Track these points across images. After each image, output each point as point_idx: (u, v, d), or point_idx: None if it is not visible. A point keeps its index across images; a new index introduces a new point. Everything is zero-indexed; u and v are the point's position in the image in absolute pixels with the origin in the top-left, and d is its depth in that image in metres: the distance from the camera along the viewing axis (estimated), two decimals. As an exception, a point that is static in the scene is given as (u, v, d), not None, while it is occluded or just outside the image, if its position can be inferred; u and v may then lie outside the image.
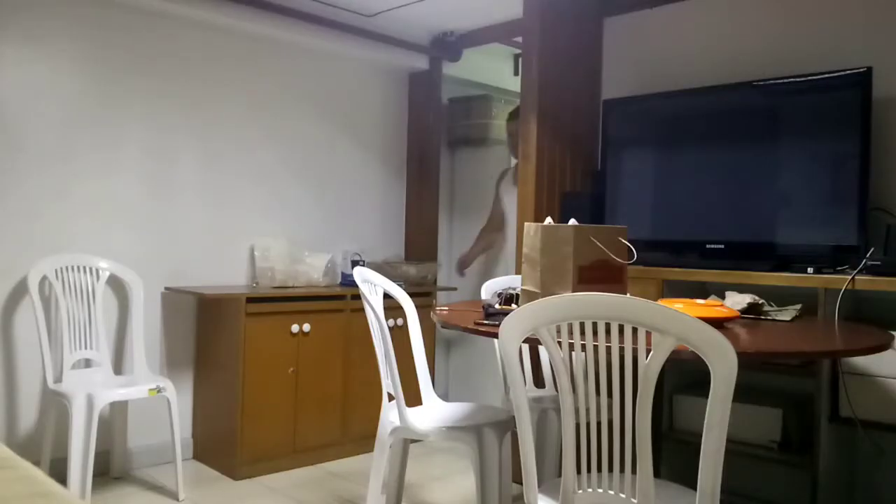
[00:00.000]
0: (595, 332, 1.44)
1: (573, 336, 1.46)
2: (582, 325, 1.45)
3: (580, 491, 1.53)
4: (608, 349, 1.43)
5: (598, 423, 1.50)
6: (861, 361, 2.32)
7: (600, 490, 1.52)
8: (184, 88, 3.38)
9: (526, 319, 1.50)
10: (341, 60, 3.90)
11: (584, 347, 1.46)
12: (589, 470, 1.52)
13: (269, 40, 3.63)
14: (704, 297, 2.42)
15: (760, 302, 2.27)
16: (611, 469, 1.50)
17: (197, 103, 3.42)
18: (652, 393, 1.40)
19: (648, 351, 1.39)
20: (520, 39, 3.62)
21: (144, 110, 3.26)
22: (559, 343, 1.49)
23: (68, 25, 3.04)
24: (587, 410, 1.50)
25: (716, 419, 1.38)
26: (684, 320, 1.36)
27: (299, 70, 3.77)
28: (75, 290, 2.99)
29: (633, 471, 1.46)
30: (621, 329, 1.41)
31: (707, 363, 1.37)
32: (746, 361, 1.41)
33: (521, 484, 1.62)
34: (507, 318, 1.53)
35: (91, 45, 3.10)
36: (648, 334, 1.40)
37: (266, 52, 3.64)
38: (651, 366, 1.39)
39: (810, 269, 2.46)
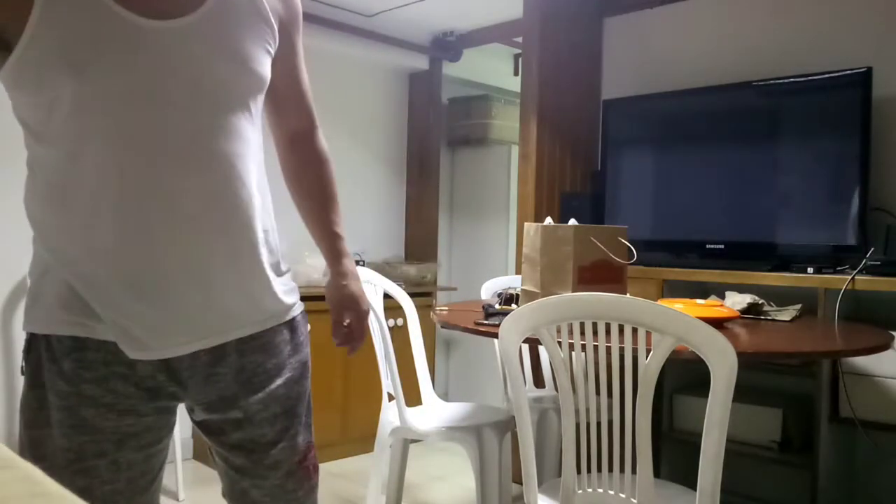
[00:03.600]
0: (595, 332, 1.44)
1: (573, 336, 1.46)
2: (582, 325, 1.45)
3: (580, 491, 1.53)
4: (608, 349, 1.43)
5: (598, 423, 1.50)
6: (861, 361, 2.32)
7: (600, 490, 1.52)
8: (184, 88, 3.38)
9: (526, 319, 1.50)
10: (341, 60, 3.90)
11: (583, 347, 1.46)
12: (589, 470, 1.52)
13: (269, 40, 3.63)
14: (704, 297, 2.43)
15: (760, 302, 2.27)
16: (611, 469, 1.50)
17: (197, 103, 3.42)
18: (652, 393, 1.40)
19: (648, 351, 1.39)
20: (520, 39, 3.62)
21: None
22: (559, 343, 1.49)
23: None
24: (587, 410, 1.50)
25: (716, 419, 1.38)
26: (684, 320, 1.36)
27: (299, 70, 3.77)
28: (75, 291, 2.99)
29: (634, 471, 1.46)
30: (621, 329, 1.41)
31: (707, 363, 1.37)
32: (746, 361, 1.41)
33: (521, 484, 1.62)
34: (506, 319, 1.53)
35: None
36: (648, 334, 1.40)
37: (266, 52, 3.64)
38: (651, 366, 1.39)
39: (810, 270, 2.46)
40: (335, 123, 3.91)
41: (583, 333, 1.45)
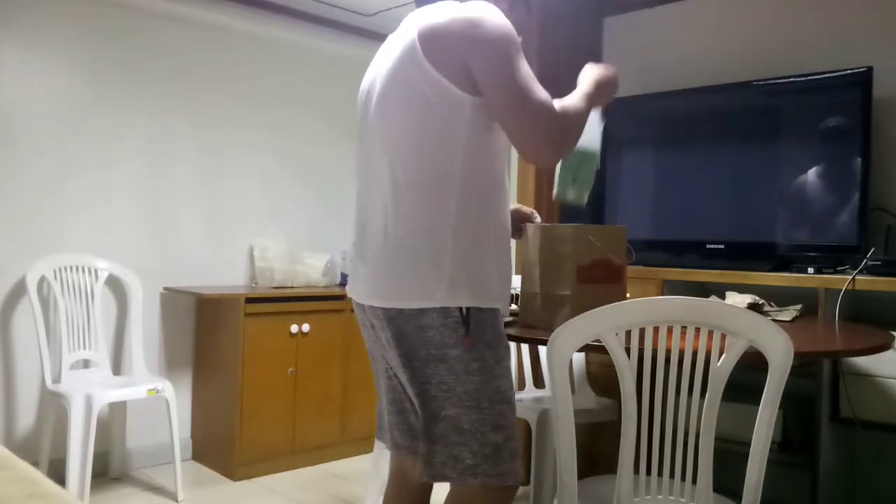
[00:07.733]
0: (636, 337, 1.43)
1: (628, 342, 1.45)
2: (642, 330, 1.43)
3: (637, 499, 1.51)
4: (667, 353, 1.42)
5: (650, 428, 1.48)
6: (861, 362, 2.31)
7: (648, 497, 1.51)
8: (182, 88, 3.37)
9: (588, 326, 1.44)
10: (340, 60, 3.90)
11: (640, 352, 1.44)
12: (637, 472, 1.50)
13: (267, 40, 3.62)
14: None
15: (761, 302, 2.26)
16: (660, 474, 1.50)
17: (195, 103, 3.41)
18: (720, 395, 1.42)
19: (710, 353, 1.41)
20: (519, 39, 3.61)
21: (143, 110, 3.25)
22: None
23: (66, 24, 3.03)
24: (642, 416, 1.48)
25: (766, 418, 1.44)
26: (756, 321, 1.39)
27: (298, 69, 3.76)
28: (74, 291, 2.98)
29: (683, 477, 1.47)
30: (683, 332, 1.41)
31: (769, 363, 1.41)
32: (746, 361, 1.42)
33: (523, 485, 1.60)
34: (563, 327, 1.46)
35: (89, 45, 3.09)
36: (710, 337, 1.41)
37: (265, 52, 3.63)
38: (722, 368, 1.41)
39: (810, 270, 2.45)
40: (334, 122, 3.90)
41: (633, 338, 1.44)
